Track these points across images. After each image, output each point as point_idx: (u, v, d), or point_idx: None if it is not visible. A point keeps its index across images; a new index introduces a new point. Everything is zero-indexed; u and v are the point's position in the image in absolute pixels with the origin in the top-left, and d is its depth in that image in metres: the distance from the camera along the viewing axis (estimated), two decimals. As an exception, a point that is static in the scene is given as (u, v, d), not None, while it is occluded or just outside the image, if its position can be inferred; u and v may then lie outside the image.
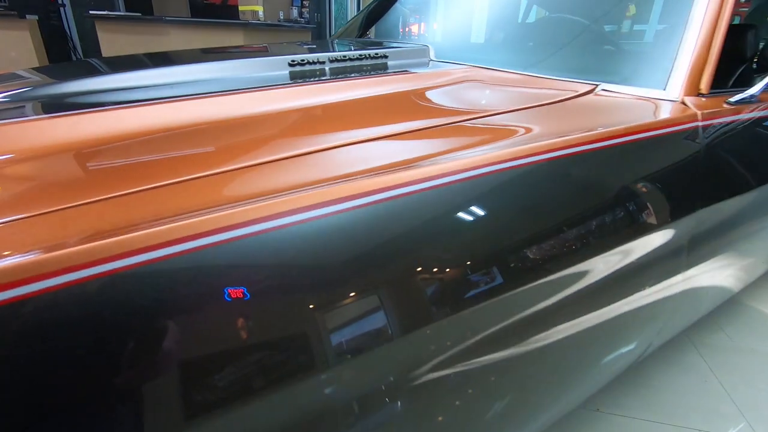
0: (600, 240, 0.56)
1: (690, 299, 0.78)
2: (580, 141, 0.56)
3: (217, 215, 0.36)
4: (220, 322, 0.33)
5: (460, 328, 0.45)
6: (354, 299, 0.38)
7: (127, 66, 0.89)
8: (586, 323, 0.59)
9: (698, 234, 0.67)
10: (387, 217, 0.41)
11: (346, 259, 0.38)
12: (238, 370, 0.33)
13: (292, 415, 0.36)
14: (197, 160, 0.48)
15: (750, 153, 0.75)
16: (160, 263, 0.32)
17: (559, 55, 0.87)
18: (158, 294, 0.31)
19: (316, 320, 0.36)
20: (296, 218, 0.38)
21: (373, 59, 0.92)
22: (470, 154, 0.50)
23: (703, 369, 1.31)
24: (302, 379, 0.35)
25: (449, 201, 0.45)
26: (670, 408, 1.16)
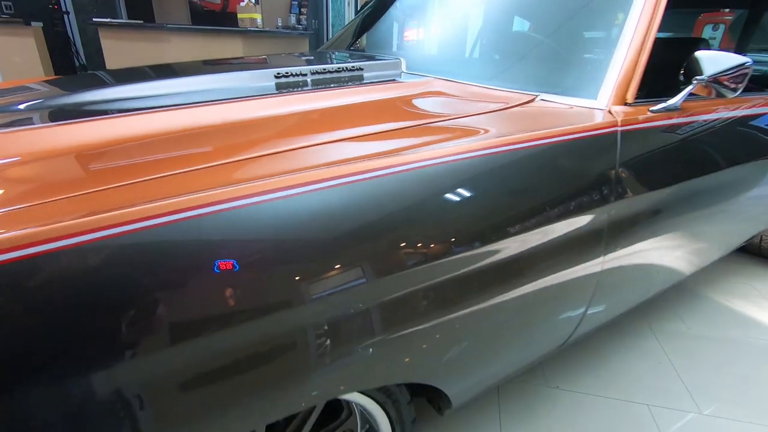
0: (533, 220, 0.67)
1: (616, 276, 0.90)
2: (511, 141, 0.69)
3: (202, 195, 0.48)
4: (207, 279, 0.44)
5: (421, 291, 0.57)
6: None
7: (128, 78, 1.01)
8: (526, 289, 0.71)
9: (616, 220, 0.79)
10: (350, 196, 0.53)
11: (322, 229, 0.50)
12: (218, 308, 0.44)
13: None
14: (193, 157, 0.59)
15: (666, 155, 0.87)
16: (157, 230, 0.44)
17: (509, 69, 1.00)
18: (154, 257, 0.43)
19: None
20: (274, 195, 0.49)
21: (350, 71, 1.04)
22: (425, 149, 0.62)
23: (659, 353, 1.42)
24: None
25: (406, 186, 0.57)
26: (624, 386, 1.28)
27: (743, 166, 1.09)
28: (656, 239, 0.92)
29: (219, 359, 0.45)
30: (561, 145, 0.72)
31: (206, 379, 0.45)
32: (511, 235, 0.66)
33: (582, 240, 0.75)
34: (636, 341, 1.48)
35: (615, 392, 1.25)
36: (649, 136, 0.84)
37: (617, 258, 0.85)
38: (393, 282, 0.55)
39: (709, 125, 0.98)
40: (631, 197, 0.80)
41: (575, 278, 0.79)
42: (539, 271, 0.71)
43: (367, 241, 0.52)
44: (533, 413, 1.17)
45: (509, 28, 1.19)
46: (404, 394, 0.72)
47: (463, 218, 0.61)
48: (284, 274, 0.47)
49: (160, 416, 0.44)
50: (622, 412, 1.19)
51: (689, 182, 0.95)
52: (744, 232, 1.37)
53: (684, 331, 1.55)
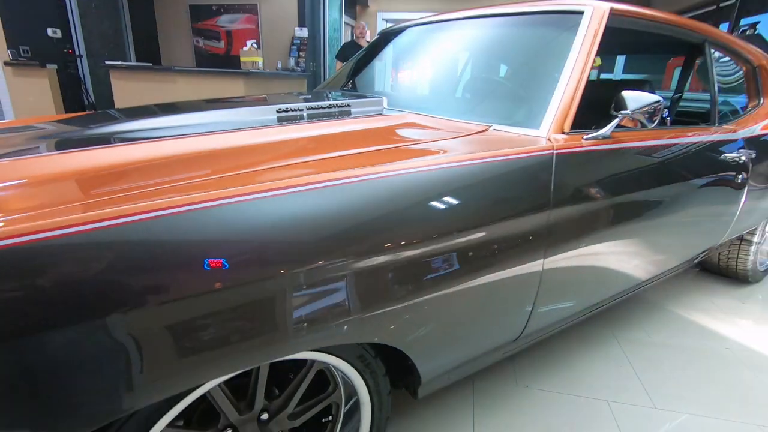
0: (485, 221, 0.84)
1: (558, 277, 1.05)
2: (467, 158, 0.87)
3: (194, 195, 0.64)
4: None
5: (399, 284, 0.73)
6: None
7: (142, 114, 1.20)
8: (478, 279, 0.86)
9: (554, 225, 0.96)
10: (330, 198, 0.70)
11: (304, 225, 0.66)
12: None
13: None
14: (213, 169, 0.76)
15: (596, 174, 1.06)
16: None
17: (469, 105, 1.20)
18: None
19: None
20: (269, 194, 0.66)
21: (340, 107, 1.24)
22: (397, 163, 0.80)
23: (621, 357, 1.56)
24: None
25: (381, 190, 0.74)
26: (587, 385, 1.41)
27: (670, 187, 1.28)
28: (593, 247, 1.09)
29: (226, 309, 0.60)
30: (506, 162, 0.91)
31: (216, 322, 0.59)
32: (465, 233, 0.83)
33: (525, 240, 0.92)
34: (601, 347, 1.62)
35: (579, 390, 1.39)
36: (580, 158, 1.03)
37: (557, 260, 1.01)
38: (367, 265, 0.71)
39: (635, 151, 1.18)
40: (565, 207, 0.97)
41: (520, 274, 0.95)
42: (489, 264, 0.87)
43: (347, 232, 0.69)
44: (504, 409, 1.30)
45: (469, 72, 1.41)
46: (380, 367, 0.86)
47: (426, 217, 0.78)
48: (279, 259, 0.63)
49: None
50: (584, 407, 1.32)
51: (618, 197, 1.14)
52: (685, 248, 1.54)
53: (645, 339, 1.69)
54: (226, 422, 0.75)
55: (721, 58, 1.73)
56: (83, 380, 0.51)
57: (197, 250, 0.57)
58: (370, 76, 1.80)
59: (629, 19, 1.27)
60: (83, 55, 5.35)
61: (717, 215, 1.58)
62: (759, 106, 1.80)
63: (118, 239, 0.53)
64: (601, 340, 1.66)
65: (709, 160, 1.45)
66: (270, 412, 0.80)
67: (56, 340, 0.49)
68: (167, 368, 0.56)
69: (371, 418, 0.90)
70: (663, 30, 1.41)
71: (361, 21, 4.95)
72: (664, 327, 1.78)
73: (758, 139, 1.66)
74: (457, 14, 1.53)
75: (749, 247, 2.01)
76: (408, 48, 1.75)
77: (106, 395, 0.53)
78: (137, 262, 0.53)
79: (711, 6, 6.39)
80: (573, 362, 1.52)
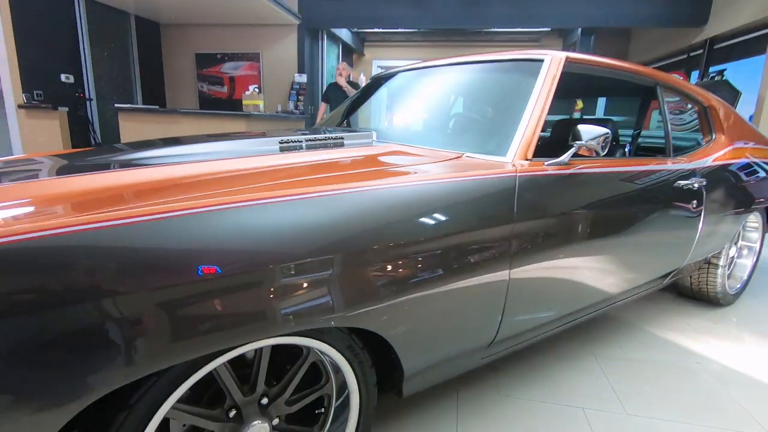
0: (456, 231, 0.99)
1: (524, 288, 1.18)
2: (442, 177, 1.03)
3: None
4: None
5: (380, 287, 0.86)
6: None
7: (157, 145, 1.37)
8: (451, 283, 1.00)
9: (517, 238, 1.10)
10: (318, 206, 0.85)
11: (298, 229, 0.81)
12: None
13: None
14: (226, 183, 0.91)
15: (554, 194, 1.22)
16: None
17: (445, 137, 1.37)
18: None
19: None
20: (266, 201, 0.81)
21: (334, 140, 1.42)
22: (382, 180, 0.95)
23: (597, 371, 1.66)
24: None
25: (370, 202, 0.89)
26: (564, 395, 1.50)
27: (627, 209, 1.45)
28: (555, 261, 1.23)
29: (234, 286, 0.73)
30: (476, 181, 1.07)
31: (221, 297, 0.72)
32: (439, 239, 0.97)
33: (492, 250, 1.07)
34: (579, 362, 1.72)
35: (556, 399, 1.48)
36: (541, 180, 1.20)
37: (522, 271, 1.15)
38: (351, 263, 0.85)
39: (592, 176, 1.35)
40: (527, 223, 1.12)
41: (489, 282, 1.08)
42: (460, 269, 1.01)
43: (339, 234, 0.83)
44: (486, 415, 1.38)
45: (446, 110, 1.61)
46: (367, 359, 0.97)
47: (405, 226, 0.92)
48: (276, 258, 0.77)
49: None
50: (561, 414, 1.41)
51: (577, 217, 1.29)
52: (649, 267, 1.68)
53: (621, 355, 1.80)
54: (231, 402, 0.86)
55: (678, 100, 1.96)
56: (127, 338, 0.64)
57: (210, 248, 0.71)
58: (362, 115, 2.00)
59: (584, 65, 1.48)
60: (93, 98, 5.64)
61: (677, 237, 1.73)
62: (712, 141, 2.01)
63: (160, 234, 0.68)
64: (580, 356, 1.77)
65: (665, 187, 1.62)
66: (269, 397, 0.91)
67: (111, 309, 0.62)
68: (188, 335, 0.69)
69: (359, 407, 1.00)
70: (617, 75, 1.62)
71: (343, 62, 5.32)
72: (640, 345, 1.89)
73: (710, 170, 1.85)
74: (439, 61, 1.76)
75: (716, 271, 2.15)
76: (396, 90, 1.97)
77: (141, 355, 0.65)
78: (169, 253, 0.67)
79: (683, 55, 6.89)
80: (552, 374, 1.62)
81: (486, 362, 1.31)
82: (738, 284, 2.39)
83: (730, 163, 1.97)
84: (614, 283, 1.53)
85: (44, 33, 5.18)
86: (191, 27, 6.91)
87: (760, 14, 4.96)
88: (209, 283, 0.69)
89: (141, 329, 0.64)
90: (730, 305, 2.34)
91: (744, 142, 2.16)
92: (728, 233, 2.03)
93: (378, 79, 2.12)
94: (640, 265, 1.63)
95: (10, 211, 0.71)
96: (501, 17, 6.42)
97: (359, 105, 2.15)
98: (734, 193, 1.99)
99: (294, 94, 6.69)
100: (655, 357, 1.79)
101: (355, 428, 1.04)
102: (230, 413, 0.86)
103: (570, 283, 1.35)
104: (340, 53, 8.31)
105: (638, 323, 2.10)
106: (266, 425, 0.89)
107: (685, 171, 1.73)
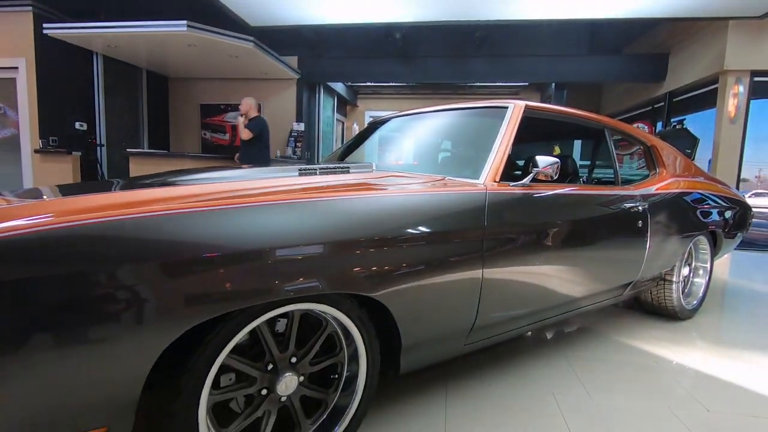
0: (437, 234, 1.29)
1: (496, 286, 1.47)
2: (427, 190, 1.35)
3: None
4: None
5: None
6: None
7: (201, 171, 1.69)
8: (434, 277, 1.29)
9: (488, 242, 1.41)
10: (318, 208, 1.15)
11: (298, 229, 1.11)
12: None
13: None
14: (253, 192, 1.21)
15: (517, 210, 1.54)
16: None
17: (431, 166, 1.71)
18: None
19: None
20: (272, 203, 1.11)
21: (342, 169, 1.75)
22: (378, 191, 1.27)
23: (567, 368, 1.92)
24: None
25: (370, 205, 1.20)
26: (538, 385, 1.75)
27: (582, 225, 1.77)
28: (521, 266, 1.54)
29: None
30: (455, 194, 1.39)
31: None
32: (426, 236, 1.27)
33: (467, 250, 1.37)
34: (551, 361, 1.97)
35: (531, 387, 1.72)
36: (506, 196, 1.53)
37: (492, 273, 1.44)
38: (366, 248, 1.14)
39: (548, 195, 1.69)
40: (495, 230, 1.44)
41: (466, 278, 1.36)
42: (442, 264, 1.30)
43: (356, 227, 1.13)
44: (472, 400, 1.62)
45: (432, 146, 1.97)
46: (372, 328, 1.24)
47: (393, 227, 1.22)
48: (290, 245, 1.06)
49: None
50: (535, 398, 1.65)
51: (538, 228, 1.61)
52: (606, 277, 1.98)
53: (590, 356, 2.05)
54: (269, 358, 1.12)
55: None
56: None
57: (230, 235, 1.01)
58: (359, 153, 2.37)
59: (541, 112, 1.87)
60: (104, 144, 6.02)
61: (629, 252, 2.05)
62: (656, 174, 2.39)
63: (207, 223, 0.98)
64: (551, 356, 2.02)
65: (615, 209, 1.97)
66: (298, 357, 1.17)
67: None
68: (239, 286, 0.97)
69: (366, 370, 1.26)
70: (572, 120, 2.02)
71: (247, 98, 4.97)
72: (606, 349, 2.15)
73: (653, 196, 2.21)
74: (425, 109, 2.15)
75: (671, 286, 2.46)
76: (390, 131, 2.34)
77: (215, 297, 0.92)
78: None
79: (648, 107, 7.59)
80: (527, 370, 1.87)
81: (469, 350, 1.57)
82: (695, 301, 2.69)
83: (671, 192, 2.34)
84: (575, 288, 1.83)
85: (63, 85, 5.63)
86: (197, 80, 7.47)
87: (707, 72, 5.63)
88: (267, 254, 0.98)
89: (223, 279, 0.93)
90: (688, 319, 2.63)
91: (684, 177, 2.55)
92: (675, 252, 2.36)
93: (373, 124, 2.51)
94: (598, 274, 1.93)
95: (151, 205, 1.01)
96: (483, 73, 7.10)
97: (357, 145, 2.51)
98: (675, 217, 2.34)
99: (292, 140, 7.16)
100: (618, 358, 2.05)
101: (359, 400, 1.28)
102: (268, 367, 1.12)
103: (533, 285, 1.64)
104: (335, 104, 8.93)
105: (607, 333, 2.37)
106: (295, 378, 1.15)
107: (631, 196, 2.08)
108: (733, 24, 5.23)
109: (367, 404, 1.30)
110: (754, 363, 2.04)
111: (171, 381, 0.95)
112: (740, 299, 3.24)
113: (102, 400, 0.84)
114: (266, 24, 5.70)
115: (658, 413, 1.56)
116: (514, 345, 2.17)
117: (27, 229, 0.78)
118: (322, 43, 7.22)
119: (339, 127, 9.60)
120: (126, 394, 0.86)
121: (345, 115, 10.12)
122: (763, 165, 6.92)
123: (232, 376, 1.10)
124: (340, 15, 5.40)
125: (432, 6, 5.04)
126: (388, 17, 5.45)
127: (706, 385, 1.81)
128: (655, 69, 6.70)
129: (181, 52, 5.81)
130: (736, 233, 2.97)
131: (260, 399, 1.12)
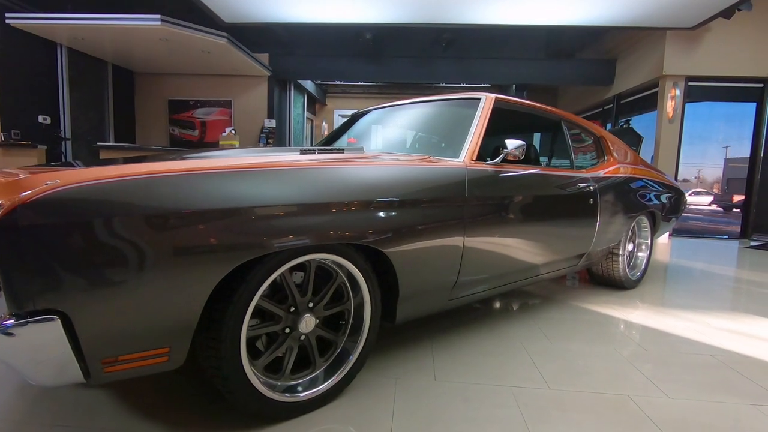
0: (423, 204, 1.53)
1: (475, 255, 1.73)
2: (413, 163, 1.59)
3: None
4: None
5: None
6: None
7: (208, 150, 1.85)
8: (420, 240, 1.53)
9: (468, 212, 1.67)
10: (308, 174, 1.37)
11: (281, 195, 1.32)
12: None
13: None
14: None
15: (491, 184, 1.81)
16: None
17: (416, 147, 1.96)
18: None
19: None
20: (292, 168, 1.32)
21: (337, 150, 1.96)
22: (367, 161, 1.49)
23: (533, 325, 2.21)
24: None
25: (360, 173, 1.42)
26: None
27: (542, 201, 2.08)
28: (495, 236, 1.81)
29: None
30: (440, 168, 1.64)
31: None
32: (419, 200, 1.51)
33: (450, 218, 1.62)
34: (520, 321, 2.27)
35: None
36: (482, 172, 1.79)
37: (473, 241, 1.70)
38: (368, 208, 1.36)
39: (517, 173, 1.98)
40: (474, 203, 1.70)
41: (447, 245, 1.61)
42: (429, 230, 1.54)
43: (357, 190, 1.35)
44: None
45: (413, 133, 2.24)
46: (374, 278, 1.46)
47: (397, 192, 1.46)
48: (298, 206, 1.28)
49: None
50: (508, 347, 1.92)
51: (509, 201, 1.89)
52: (564, 247, 2.30)
53: (551, 317, 2.37)
54: (291, 301, 1.31)
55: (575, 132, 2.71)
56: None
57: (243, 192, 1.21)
58: (343, 143, 2.58)
59: (509, 104, 2.16)
60: (69, 138, 5.88)
61: (583, 226, 2.38)
62: (604, 161, 2.76)
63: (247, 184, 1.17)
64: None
65: (570, 188, 2.29)
66: (314, 303, 1.37)
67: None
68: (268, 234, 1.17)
69: (370, 315, 1.48)
70: (533, 112, 2.32)
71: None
72: (565, 311, 2.47)
73: (601, 179, 2.56)
74: (406, 101, 2.40)
75: (618, 259, 2.83)
76: (371, 122, 2.57)
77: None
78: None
79: (599, 108, 8.22)
80: (501, 328, 2.15)
81: (452, 305, 1.82)
82: (638, 272, 3.09)
83: (617, 176, 2.71)
84: (537, 256, 2.13)
85: (26, 77, 5.46)
86: (165, 76, 7.39)
87: (649, 76, 6.23)
88: (288, 207, 1.19)
89: (260, 228, 1.13)
90: (633, 288, 3.02)
91: (628, 164, 2.93)
92: (621, 228, 2.73)
93: (356, 115, 2.73)
94: (557, 244, 2.24)
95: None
96: (448, 74, 7.46)
97: (340, 135, 2.72)
98: (621, 198, 2.71)
99: (263, 137, 7.23)
100: (574, 317, 2.37)
101: (364, 342, 1.50)
102: (290, 310, 1.32)
103: (503, 247, 1.92)
104: (305, 103, 9.04)
105: (565, 299, 2.70)
106: (312, 319, 1.35)
107: (584, 178, 2.42)
108: (670, 34, 5.83)
109: (370, 347, 1.52)
110: (687, 319, 2.42)
111: (220, 314, 1.13)
112: (678, 275, 3.70)
113: (171, 323, 1.02)
114: (239, 21, 5.78)
115: (606, 353, 1.88)
116: (489, 311, 2.44)
117: (111, 179, 0.95)
118: (294, 42, 7.34)
119: (308, 125, 9.71)
120: (187, 320, 1.05)
121: (314, 114, 10.24)
122: (699, 163, 7.69)
123: (257, 322, 1.29)
124: (313, 14, 5.57)
125: (402, 8, 5.31)
126: (359, 17, 5.68)
127: (645, 333, 2.15)
128: (605, 73, 7.30)
129: (151, 47, 5.77)
130: (671, 217, 3.41)
131: (284, 337, 1.31)
